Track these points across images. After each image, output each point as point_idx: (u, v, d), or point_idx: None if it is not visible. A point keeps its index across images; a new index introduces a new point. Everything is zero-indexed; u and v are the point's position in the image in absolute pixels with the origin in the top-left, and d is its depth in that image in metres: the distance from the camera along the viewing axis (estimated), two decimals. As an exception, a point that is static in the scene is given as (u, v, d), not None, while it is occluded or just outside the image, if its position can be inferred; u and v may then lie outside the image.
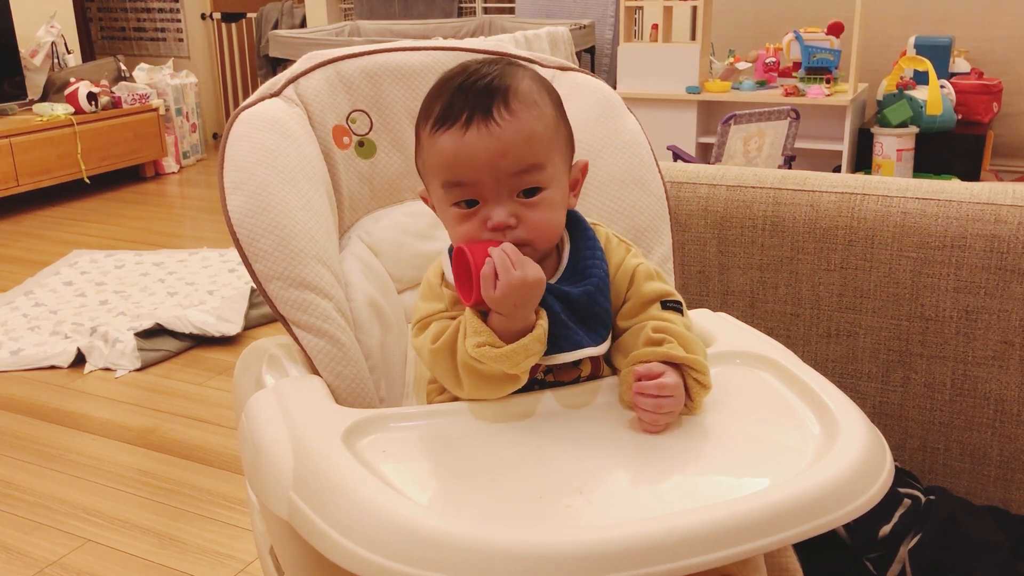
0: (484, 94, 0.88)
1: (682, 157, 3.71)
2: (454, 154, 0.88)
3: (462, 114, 0.88)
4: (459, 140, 0.87)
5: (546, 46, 3.68)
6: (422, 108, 0.93)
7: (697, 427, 0.86)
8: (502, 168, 0.87)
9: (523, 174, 0.88)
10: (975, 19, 4.43)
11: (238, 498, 2.00)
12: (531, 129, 0.89)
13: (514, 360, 0.83)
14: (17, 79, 4.92)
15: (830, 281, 1.38)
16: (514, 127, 0.88)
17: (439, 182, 0.91)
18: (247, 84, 6.24)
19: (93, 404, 2.50)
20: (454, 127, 0.88)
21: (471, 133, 0.87)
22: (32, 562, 1.80)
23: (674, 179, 1.45)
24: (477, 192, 0.88)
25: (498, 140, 0.87)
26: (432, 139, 0.90)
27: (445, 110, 0.89)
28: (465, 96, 0.88)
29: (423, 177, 0.96)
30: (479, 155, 0.87)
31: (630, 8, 4.24)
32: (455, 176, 0.89)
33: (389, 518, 0.69)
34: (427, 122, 0.91)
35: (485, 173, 0.87)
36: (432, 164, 0.91)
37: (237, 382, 1.08)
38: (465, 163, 0.87)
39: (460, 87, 0.89)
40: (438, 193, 0.92)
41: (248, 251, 0.97)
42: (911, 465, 1.39)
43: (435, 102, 0.91)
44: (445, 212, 0.92)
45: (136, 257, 3.74)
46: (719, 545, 0.68)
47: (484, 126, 0.87)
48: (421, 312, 0.92)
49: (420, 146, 0.93)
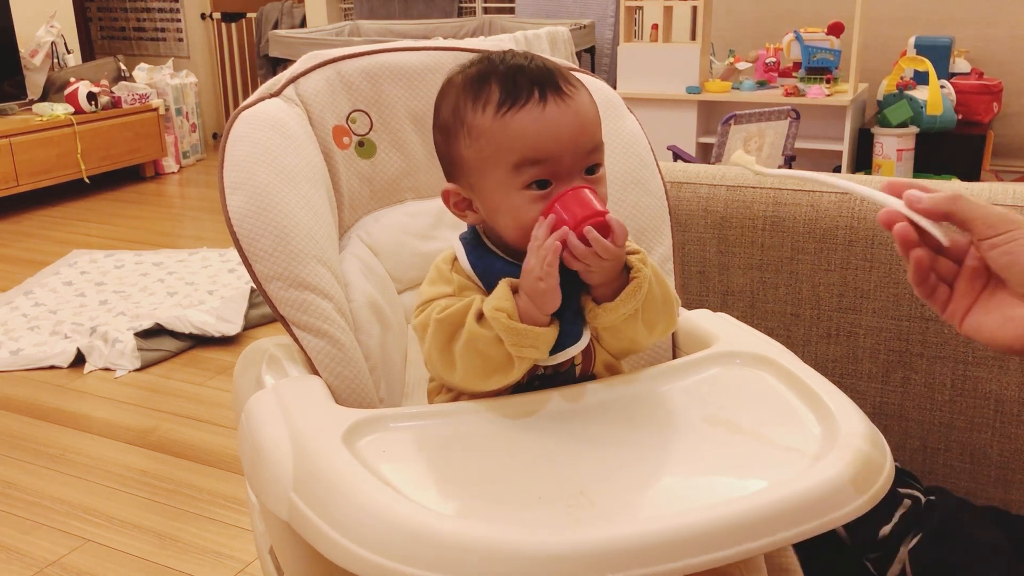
0: (544, 72, 0.85)
1: (682, 157, 3.71)
2: (536, 130, 0.84)
3: (533, 90, 0.84)
4: (539, 116, 0.84)
5: (546, 46, 3.68)
6: (466, 98, 0.88)
7: (697, 427, 0.86)
8: (581, 145, 0.85)
9: (594, 151, 0.87)
10: (975, 19, 4.43)
11: (238, 498, 2.00)
12: (594, 109, 0.88)
13: (521, 339, 0.82)
14: (17, 79, 4.93)
15: (830, 281, 1.38)
16: (583, 101, 0.86)
17: (510, 163, 0.85)
18: (247, 84, 6.25)
19: (93, 404, 2.50)
20: (528, 104, 0.84)
21: (551, 108, 0.84)
22: (32, 562, 1.80)
23: (674, 179, 1.45)
24: (552, 170, 0.85)
25: (576, 114, 0.85)
26: (501, 122, 0.85)
27: (509, 90, 0.85)
28: (524, 75, 0.85)
29: (478, 165, 0.88)
30: (563, 130, 0.84)
31: (630, 8, 4.24)
32: (536, 153, 0.84)
33: (389, 518, 0.69)
34: (485, 108, 0.86)
35: (566, 148, 0.84)
36: (503, 147, 0.85)
37: (237, 382, 1.08)
38: (549, 139, 0.84)
39: (509, 70, 0.86)
40: (503, 177, 0.86)
41: (248, 251, 0.97)
42: (911, 465, 1.39)
43: (484, 88, 0.86)
44: (509, 198, 0.86)
45: (136, 257, 3.74)
46: (720, 545, 0.68)
47: (560, 100, 0.84)
48: (426, 295, 0.91)
49: (476, 134, 0.87)
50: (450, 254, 0.93)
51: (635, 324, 0.89)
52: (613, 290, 0.87)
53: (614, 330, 0.89)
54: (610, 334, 0.90)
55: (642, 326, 0.90)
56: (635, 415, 0.87)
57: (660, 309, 0.91)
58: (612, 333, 0.90)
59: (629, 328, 0.89)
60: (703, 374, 0.94)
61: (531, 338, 0.83)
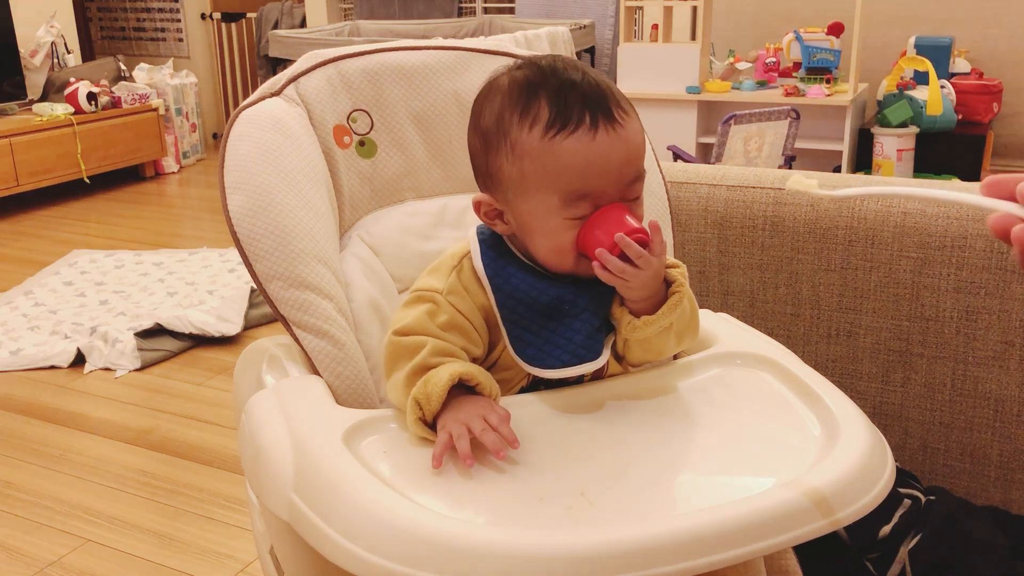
0: (597, 93, 0.81)
1: (682, 157, 3.71)
2: (586, 161, 0.80)
3: (584, 115, 0.80)
4: (589, 144, 0.80)
5: (546, 46, 3.67)
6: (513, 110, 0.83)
7: (698, 428, 0.86)
8: (626, 176, 0.82)
9: (636, 181, 0.84)
10: (975, 19, 4.44)
11: (238, 498, 2.00)
12: (641, 135, 0.85)
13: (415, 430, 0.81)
14: (17, 79, 4.93)
15: (830, 281, 1.38)
16: (633, 130, 0.83)
17: (555, 193, 0.82)
18: (247, 84, 6.24)
19: (93, 404, 2.50)
20: (579, 130, 0.80)
21: (601, 137, 0.80)
22: (32, 562, 1.80)
23: (674, 179, 1.45)
24: (596, 202, 0.82)
25: (626, 144, 0.81)
26: (549, 146, 0.81)
27: (560, 111, 0.80)
28: (576, 94, 0.81)
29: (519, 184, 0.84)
30: (612, 161, 0.81)
31: (630, 8, 4.24)
32: (583, 186, 0.81)
33: (389, 519, 0.69)
34: (532, 126, 0.82)
35: (611, 181, 0.81)
36: (549, 172, 0.82)
37: (237, 382, 1.08)
38: (597, 170, 0.80)
39: (561, 86, 0.82)
40: (545, 203, 0.83)
41: (248, 251, 0.97)
42: (911, 465, 1.39)
43: (533, 102, 0.82)
44: (548, 221, 0.83)
45: (136, 257, 3.74)
46: (721, 547, 0.68)
47: (612, 128, 0.80)
48: (419, 284, 0.91)
49: (520, 152, 0.83)
50: (463, 248, 0.91)
51: (668, 336, 0.88)
52: (653, 304, 0.86)
53: (645, 342, 0.88)
54: (640, 345, 0.89)
55: (673, 338, 0.89)
56: (636, 416, 0.87)
57: (690, 321, 0.90)
58: (642, 344, 0.89)
59: (660, 340, 0.89)
60: (704, 375, 0.94)
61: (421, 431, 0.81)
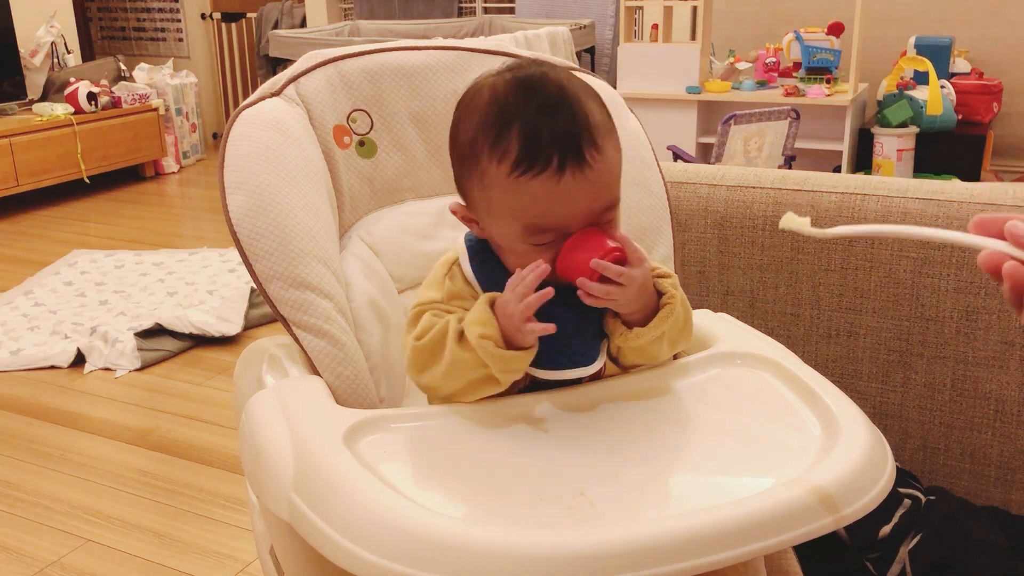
0: (569, 132, 0.81)
1: (682, 157, 3.70)
2: (547, 203, 0.81)
3: (552, 158, 0.80)
4: (553, 188, 0.81)
5: (546, 46, 3.67)
6: (485, 137, 0.83)
7: (698, 428, 0.86)
8: (594, 210, 0.83)
9: (607, 211, 0.85)
10: (975, 19, 4.43)
11: (238, 498, 2.00)
12: (615, 163, 0.85)
13: (507, 364, 0.83)
14: (17, 79, 4.93)
15: (830, 281, 1.38)
16: (604, 166, 0.83)
17: (519, 224, 0.84)
18: (247, 84, 6.24)
19: (93, 404, 2.50)
20: (544, 174, 0.80)
21: (567, 180, 0.81)
22: (32, 562, 1.80)
23: (674, 179, 1.45)
24: (562, 232, 0.84)
25: (593, 184, 0.82)
26: (514, 183, 0.82)
27: (528, 151, 0.81)
28: (549, 131, 0.81)
29: (486, 209, 0.87)
30: (577, 203, 0.82)
31: (630, 8, 4.24)
32: (545, 222, 0.83)
33: (390, 519, 0.69)
34: (501, 162, 0.82)
35: (577, 216, 0.83)
36: (513, 207, 0.83)
37: (237, 382, 1.08)
38: (560, 211, 0.82)
39: (534, 122, 0.81)
40: (510, 231, 0.85)
41: (248, 251, 0.97)
42: (911, 465, 1.39)
43: (505, 134, 0.82)
44: (515, 246, 0.86)
45: (136, 257, 3.74)
46: (721, 547, 0.68)
47: (579, 171, 0.81)
48: (419, 297, 0.92)
49: (488, 183, 0.84)
50: (452, 256, 0.93)
51: (661, 344, 0.90)
52: (645, 315, 0.87)
53: (639, 348, 0.90)
54: (634, 352, 0.91)
55: (666, 344, 0.91)
56: (636, 416, 0.87)
57: (683, 328, 0.92)
58: (636, 351, 0.90)
59: (654, 348, 0.90)
60: (704, 375, 0.94)
61: (517, 362, 0.83)
